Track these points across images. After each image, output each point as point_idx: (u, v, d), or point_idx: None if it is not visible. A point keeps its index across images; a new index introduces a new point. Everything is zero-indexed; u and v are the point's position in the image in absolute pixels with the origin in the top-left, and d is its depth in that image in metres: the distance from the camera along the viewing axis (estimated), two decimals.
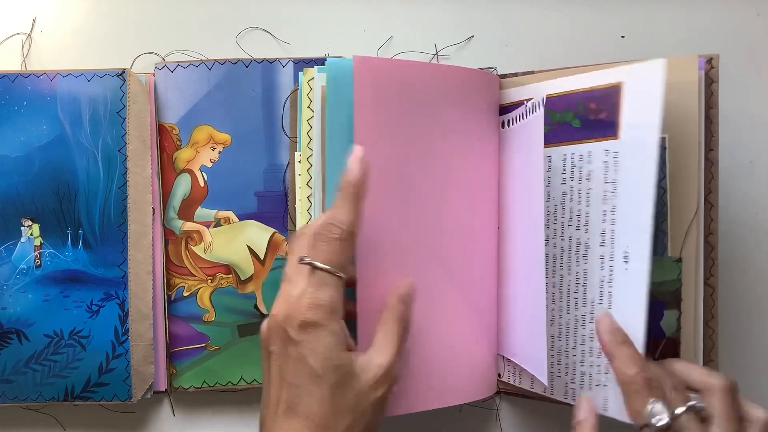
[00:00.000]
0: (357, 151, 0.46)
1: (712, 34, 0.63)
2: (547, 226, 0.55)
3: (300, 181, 0.57)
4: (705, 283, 0.54)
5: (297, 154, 0.57)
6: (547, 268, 0.55)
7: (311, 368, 0.42)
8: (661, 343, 0.52)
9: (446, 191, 0.54)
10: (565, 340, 0.55)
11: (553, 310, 0.55)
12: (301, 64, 0.60)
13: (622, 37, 0.63)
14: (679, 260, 0.52)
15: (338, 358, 0.42)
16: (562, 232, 0.55)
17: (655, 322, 0.52)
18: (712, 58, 0.54)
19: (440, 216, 0.54)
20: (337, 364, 0.42)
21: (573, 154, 0.54)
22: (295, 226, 0.58)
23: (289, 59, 0.61)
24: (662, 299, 0.52)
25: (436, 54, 0.62)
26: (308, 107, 0.56)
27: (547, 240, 0.55)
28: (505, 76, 0.60)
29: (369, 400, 0.43)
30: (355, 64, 0.49)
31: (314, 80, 0.56)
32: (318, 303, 0.42)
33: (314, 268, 0.43)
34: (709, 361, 0.54)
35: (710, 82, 0.54)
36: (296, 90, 0.58)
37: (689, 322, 0.52)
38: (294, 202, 0.58)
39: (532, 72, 0.59)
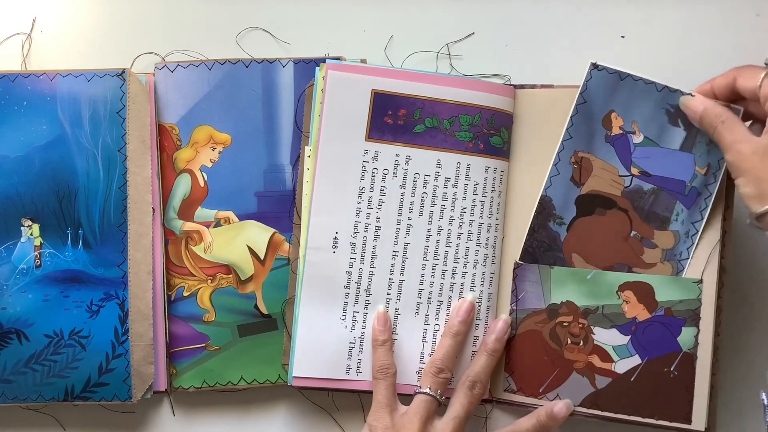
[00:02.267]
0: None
1: (712, 34, 0.63)
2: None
3: (308, 176, 0.58)
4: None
5: (307, 148, 0.58)
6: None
7: None
8: (678, 357, 0.56)
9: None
10: None
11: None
12: (301, 64, 0.60)
13: (622, 37, 0.63)
14: (700, 281, 0.56)
15: None
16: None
17: (672, 338, 0.56)
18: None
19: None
20: None
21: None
22: (300, 219, 0.58)
23: (289, 59, 0.61)
24: (680, 317, 0.56)
25: (438, 53, 0.62)
26: (321, 102, 0.57)
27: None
28: (522, 86, 0.60)
29: None
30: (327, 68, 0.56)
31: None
32: None
33: None
34: (711, 375, 0.56)
35: None
36: (312, 85, 0.59)
37: (706, 339, 0.56)
38: (301, 196, 0.59)
39: (551, 86, 0.59)
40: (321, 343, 0.58)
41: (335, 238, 0.58)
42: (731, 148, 0.51)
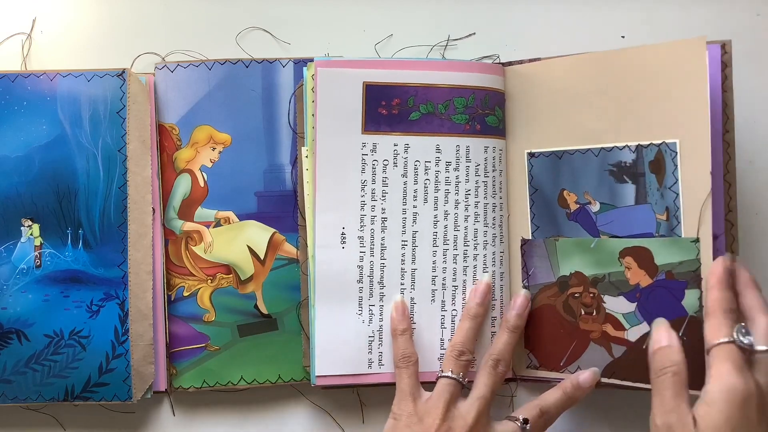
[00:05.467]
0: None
1: (712, 34, 0.63)
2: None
3: (307, 176, 0.57)
4: None
5: (304, 149, 0.58)
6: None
7: None
8: (685, 321, 0.53)
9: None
10: None
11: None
12: (301, 64, 0.60)
13: (622, 37, 0.63)
14: (697, 240, 0.53)
15: None
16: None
17: (677, 302, 0.54)
18: (725, 44, 0.54)
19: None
20: None
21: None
22: (305, 220, 0.58)
23: (289, 59, 0.61)
24: (682, 279, 0.54)
25: (437, 48, 0.62)
26: (312, 102, 0.57)
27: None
28: (510, 63, 0.60)
29: None
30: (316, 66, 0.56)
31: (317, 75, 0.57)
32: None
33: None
34: None
35: (724, 66, 0.54)
36: (302, 85, 0.59)
37: None
38: (303, 197, 0.59)
39: (539, 59, 0.59)
40: (340, 340, 0.58)
41: (342, 233, 0.57)
42: None
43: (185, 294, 0.60)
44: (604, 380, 0.57)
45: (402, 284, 0.58)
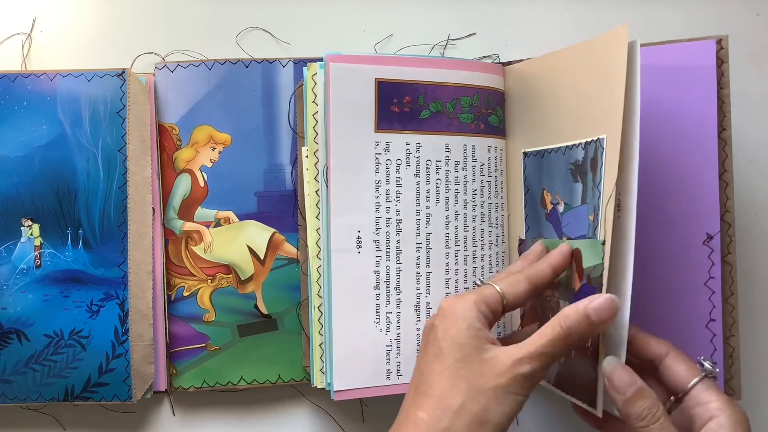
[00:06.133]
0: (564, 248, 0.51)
1: (712, 34, 0.63)
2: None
3: (308, 176, 0.57)
4: (723, 261, 0.54)
5: (304, 149, 0.58)
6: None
7: (438, 347, 0.45)
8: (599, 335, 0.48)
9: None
10: None
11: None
12: (301, 64, 0.60)
13: None
14: (604, 242, 0.48)
15: (465, 339, 0.44)
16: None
17: None
18: (721, 39, 0.54)
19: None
20: (462, 343, 0.44)
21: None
22: (305, 220, 0.58)
23: (289, 59, 0.61)
24: (594, 285, 0.48)
25: (437, 47, 0.62)
26: (313, 102, 0.57)
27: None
28: (510, 63, 0.60)
29: (489, 384, 0.43)
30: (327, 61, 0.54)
31: (318, 75, 0.56)
32: (463, 297, 0.46)
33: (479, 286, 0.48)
34: (731, 336, 0.54)
35: (720, 62, 0.54)
36: (302, 85, 0.58)
37: None
38: (303, 197, 0.58)
39: (530, 59, 0.59)
40: (359, 352, 0.55)
41: (358, 237, 0.56)
42: None
43: (185, 294, 0.60)
44: (550, 387, 0.52)
45: (417, 289, 0.57)
